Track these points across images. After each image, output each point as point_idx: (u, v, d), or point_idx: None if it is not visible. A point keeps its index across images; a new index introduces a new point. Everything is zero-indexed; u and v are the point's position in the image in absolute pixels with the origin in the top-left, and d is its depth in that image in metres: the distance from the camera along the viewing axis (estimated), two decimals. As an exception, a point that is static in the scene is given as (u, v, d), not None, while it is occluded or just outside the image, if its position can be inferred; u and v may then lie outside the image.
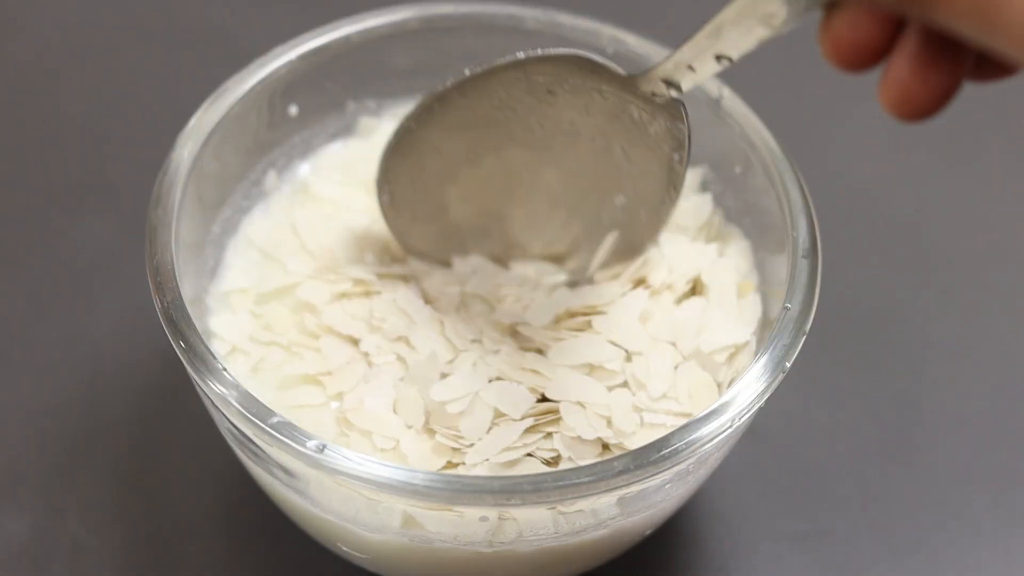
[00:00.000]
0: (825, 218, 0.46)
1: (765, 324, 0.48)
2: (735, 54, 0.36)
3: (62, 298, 0.58)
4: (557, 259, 0.50)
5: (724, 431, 0.40)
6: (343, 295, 0.48)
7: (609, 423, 0.44)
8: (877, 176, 0.65)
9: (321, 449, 0.39)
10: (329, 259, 0.49)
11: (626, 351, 0.46)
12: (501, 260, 0.50)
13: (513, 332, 0.47)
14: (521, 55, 0.44)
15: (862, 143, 0.66)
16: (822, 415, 0.55)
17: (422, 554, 0.43)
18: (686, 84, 0.41)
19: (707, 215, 0.50)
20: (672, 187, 0.46)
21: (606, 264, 0.49)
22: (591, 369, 0.45)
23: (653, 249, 0.49)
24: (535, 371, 0.45)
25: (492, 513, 0.40)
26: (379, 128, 0.53)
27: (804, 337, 0.42)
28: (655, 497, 0.43)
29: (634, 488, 0.40)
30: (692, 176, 0.51)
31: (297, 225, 0.50)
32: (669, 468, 0.40)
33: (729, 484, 0.52)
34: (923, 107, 0.30)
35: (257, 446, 0.41)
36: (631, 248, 0.49)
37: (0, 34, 0.69)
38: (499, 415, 0.44)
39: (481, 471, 0.43)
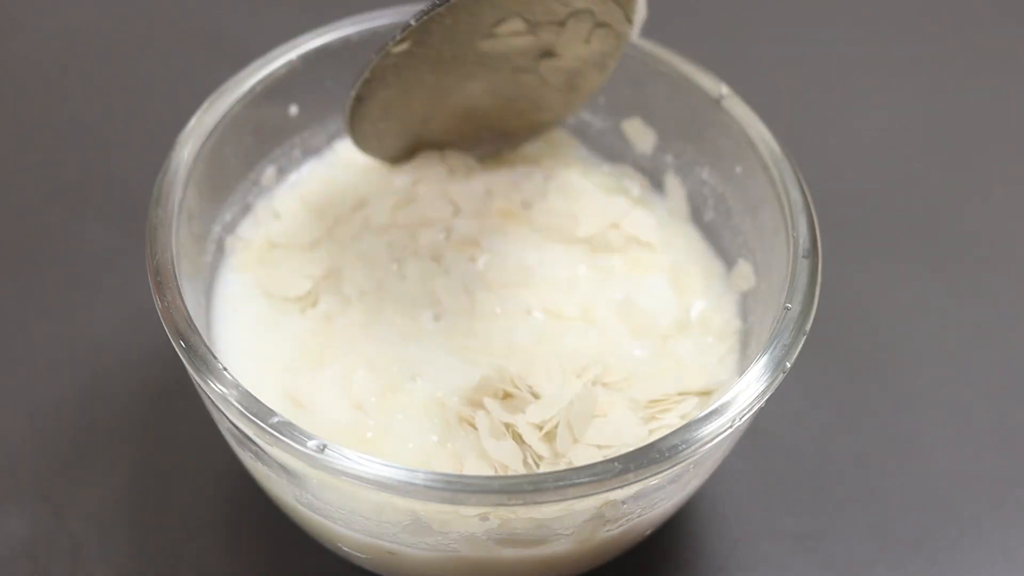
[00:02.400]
0: (825, 218, 0.46)
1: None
2: None
3: (62, 298, 0.58)
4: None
5: (724, 431, 0.40)
6: None
7: None
8: (877, 176, 0.65)
9: (321, 449, 0.39)
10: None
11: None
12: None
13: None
14: None
15: (862, 143, 0.66)
16: (822, 415, 0.55)
17: (422, 554, 0.43)
18: None
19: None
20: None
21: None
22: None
23: None
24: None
25: (492, 513, 0.40)
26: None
27: (804, 337, 0.42)
28: (655, 497, 0.43)
29: (634, 488, 0.40)
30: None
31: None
32: (669, 468, 0.40)
33: (729, 484, 0.52)
34: None
35: (257, 446, 0.41)
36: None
37: (0, 34, 0.69)
38: None
39: None
